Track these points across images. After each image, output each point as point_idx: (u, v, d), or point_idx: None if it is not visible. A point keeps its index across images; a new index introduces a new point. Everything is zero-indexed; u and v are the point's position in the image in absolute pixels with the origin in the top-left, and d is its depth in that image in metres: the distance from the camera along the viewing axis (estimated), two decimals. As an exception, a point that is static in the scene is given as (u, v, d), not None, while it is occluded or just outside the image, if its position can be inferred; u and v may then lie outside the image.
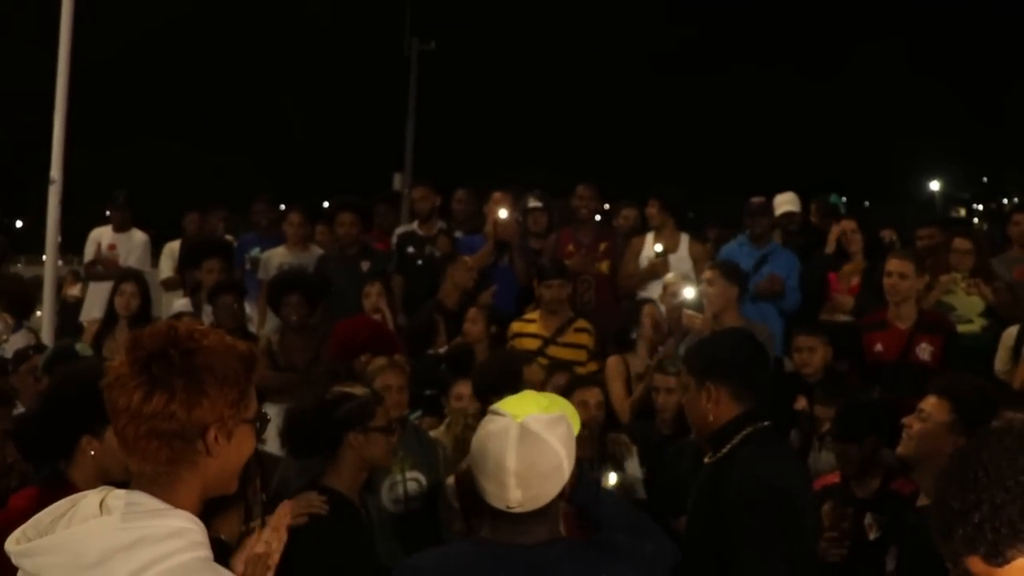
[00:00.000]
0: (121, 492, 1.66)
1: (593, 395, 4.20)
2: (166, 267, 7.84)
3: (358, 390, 3.11)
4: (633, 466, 4.10)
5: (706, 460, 2.82)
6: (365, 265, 6.60)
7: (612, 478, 3.80)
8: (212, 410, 1.65)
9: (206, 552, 1.64)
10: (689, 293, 5.28)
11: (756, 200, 6.57)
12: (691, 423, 2.88)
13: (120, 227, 7.96)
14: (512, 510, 2.09)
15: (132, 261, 7.78)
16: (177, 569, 1.57)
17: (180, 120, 23.21)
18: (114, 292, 5.91)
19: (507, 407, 2.15)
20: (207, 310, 6.14)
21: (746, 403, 2.75)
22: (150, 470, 1.65)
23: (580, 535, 2.43)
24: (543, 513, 2.11)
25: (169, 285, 7.70)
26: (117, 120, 22.07)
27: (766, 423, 2.76)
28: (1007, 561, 1.51)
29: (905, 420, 3.03)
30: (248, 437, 1.74)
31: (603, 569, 2.15)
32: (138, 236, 7.99)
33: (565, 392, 3.73)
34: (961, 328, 5.38)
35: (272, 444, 3.47)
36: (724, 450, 2.74)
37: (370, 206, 7.68)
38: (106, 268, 7.68)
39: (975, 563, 1.53)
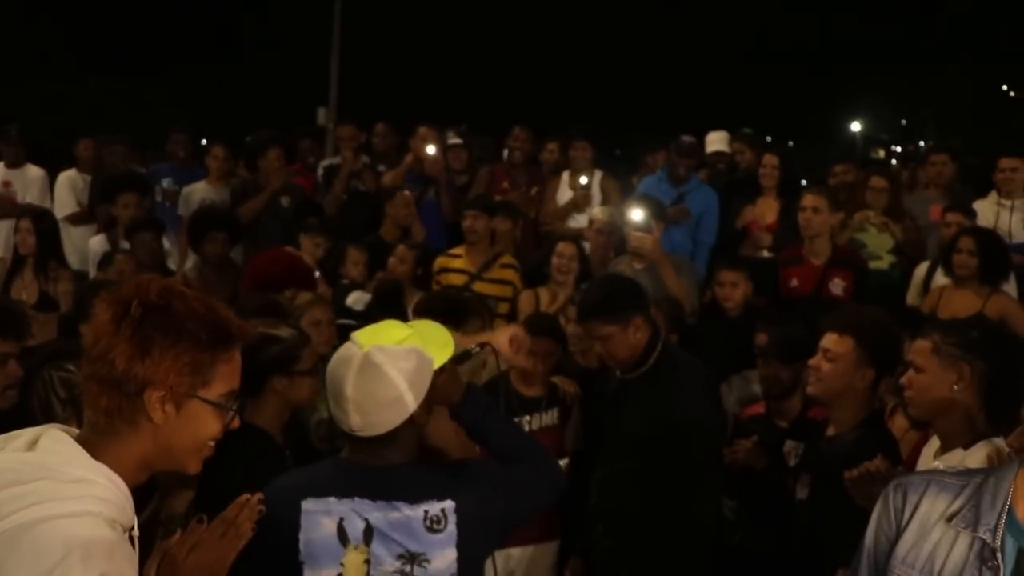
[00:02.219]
0: (58, 434, 1.63)
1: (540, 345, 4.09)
2: (65, 199, 7.44)
3: (283, 331, 3.02)
4: (577, 412, 4.12)
5: (621, 376, 3.49)
6: (286, 200, 6.52)
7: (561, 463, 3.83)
8: (154, 370, 1.60)
9: (110, 513, 1.58)
10: (637, 215, 5.30)
11: (687, 139, 6.61)
12: (620, 361, 3.44)
13: (13, 163, 7.64)
14: (355, 434, 2.23)
15: (30, 198, 7.50)
16: (62, 515, 1.52)
17: (95, 50, 22.23)
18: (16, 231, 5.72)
19: (361, 336, 2.25)
20: (125, 247, 6.00)
21: (650, 321, 3.46)
22: (92, 416, 1.64)
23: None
24: (391, 438, 2.23)
25: (75, 219, 7.32)
26: (26, 51, 21.08)
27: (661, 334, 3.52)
28: None
29: (812, 362, 3.11)
30: (207, 418, 1.68)
31: (449, 494, 2.26)
32: (33, 171, 7.68)
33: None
34: (871, 264, 5.58)
35: None
36: (650, 362, 3.40)
37: (293, 140, 7.58)
38: (2, 207, 7.37)
39: None
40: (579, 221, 6.34)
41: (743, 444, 3.76)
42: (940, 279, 5.19)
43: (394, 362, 2.19)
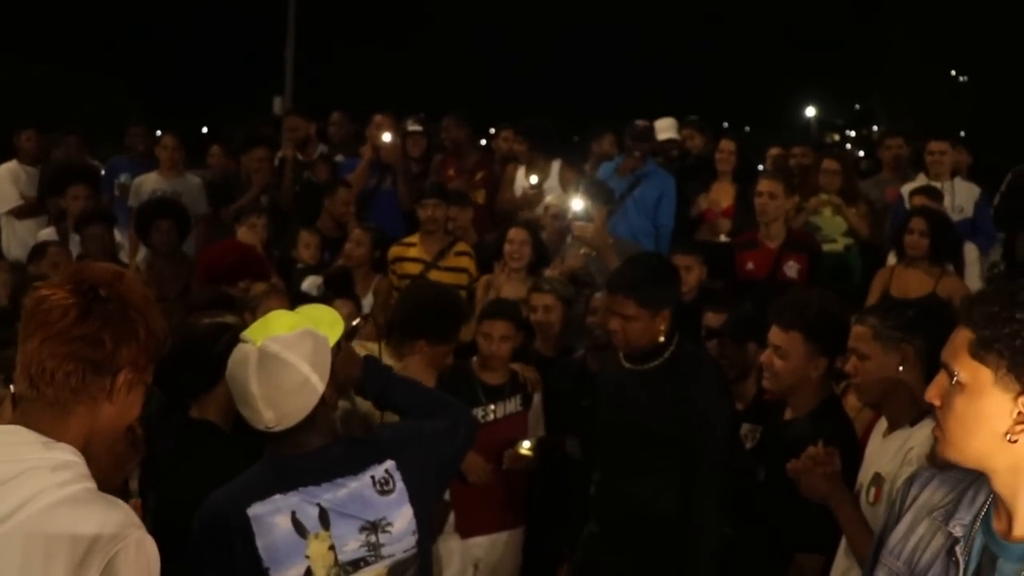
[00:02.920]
0: (4, 427, 1.64)
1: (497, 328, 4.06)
2: (7, 192, 7.20)
3: (229, 319, 2.97)
4: (538, 399, 4.12)
5: (628, 366, 3.36)
6: (265, 199, 6.48)
7: (526, 445, 3.85)
8: (134, 354, 1.66)
9: (92, 484, 1.64)
10: (577, 205, 5.37)
11: (640, 123, 6.65)
12: (633, 345, 3.31)
13: None
14: (271, 430, 2.18)
15: None
16: (67, 499, 1.56)
17: (45, 37, 21.74)
18: None
19: (251, 332, 2.22)
20: (75, 239, 5.90)
21: (674, 318, 3.35)
22: (51, 395, 1.62)
23: None
24: (309, 423, 2.20)
25: (19, 213, 7.12)
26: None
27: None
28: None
29: (763, 359, 3.11)
30: (139, 399, 1.74)
31: (386, 454, 2.29)
32: None
33: None
34: (825, 247, 5.66)
35: None
36: (664, 356, 3.30)
37: (256, 130, 7.53)
38: None
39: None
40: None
41: None
42: (891, 259, 5.29)
43: (291, 348, 2.16)
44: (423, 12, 26.20)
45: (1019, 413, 1.54)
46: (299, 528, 2.20)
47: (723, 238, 6.09)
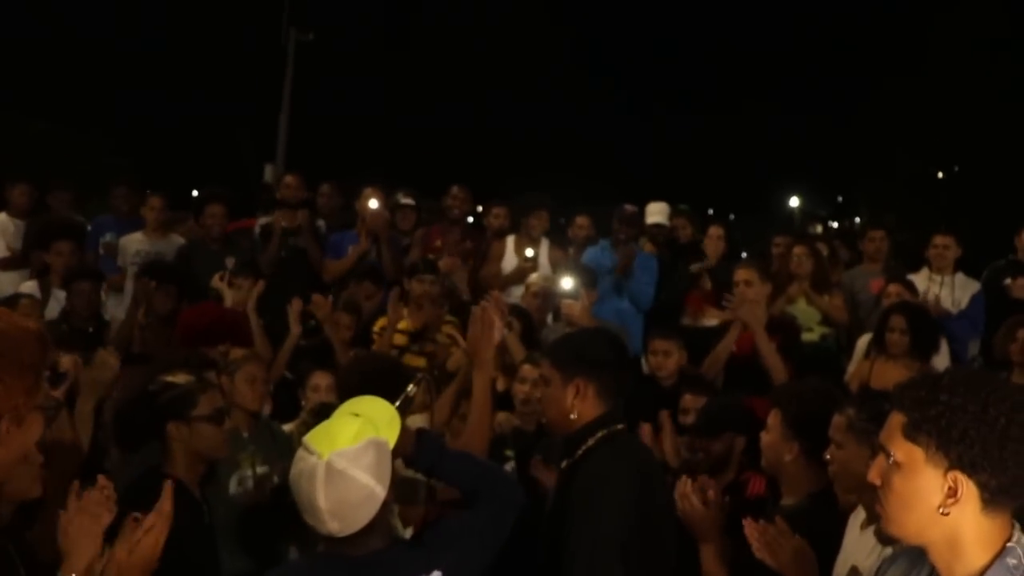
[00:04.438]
0: None
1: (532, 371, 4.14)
2: None
3: (180, 378, 2.98)
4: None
5: (563, 466, 2.79)
6: (230, 262, 6.46)
7: None
8: (7, 399, 1.60)
9: None
10: (567, 283, 5.44)
11: (630, 208, 6.79)
12: (549, 420, 2.83)
13: None
14: (335, 535, 2.24)
15: None
16: None
17: (44, 95, 21.93)
18: None
19: (316, 442, 2.24)
20: (57, 295, 5.88)
21: (608, 403, 2.73)
22: None
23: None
24: (369, 529, 2.25)
25: (4, 264, 7.09)
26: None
27: (620, 426, 2.75)
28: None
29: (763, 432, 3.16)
30: (37, 423, 1.70)
31: (434, 564, 2.32)
32: None
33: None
34: (804, 336, 5.70)
35: None
36: (579, 453, 2.71)
37: (239, 198, 7.54)
38: None
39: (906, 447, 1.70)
40: (513, 292, 6.40)
41: None
42: (861, 343, 5.33)
43: (357, 463, 2.21)
44: (414, 92, 26.66)
45: (948, 488, 1.67)
46: None
47: (711, 322, 6.11)
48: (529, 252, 6.54)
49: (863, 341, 5.56)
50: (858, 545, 2.67)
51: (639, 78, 29.70)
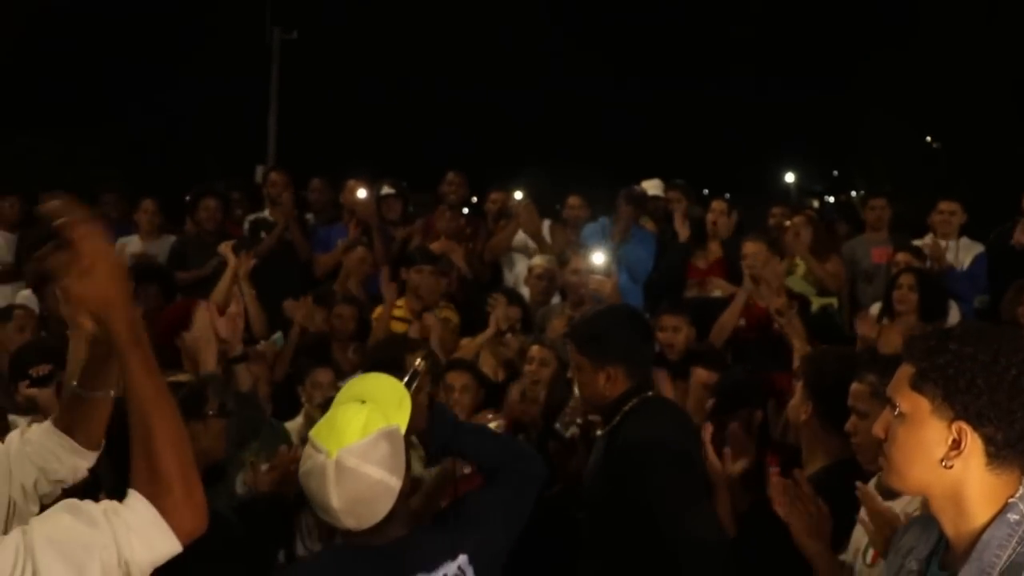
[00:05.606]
0: None
1: (458, 379, 4.15)
2: None
3: (182, 377, 2.96)
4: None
5: (599, 432, 3.06)
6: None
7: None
8: None
9: None
10: (598, 259, 5.38)
11: (638, 189, 6.77)
12: (585, 398, 3.11)
13: None
14: (353, 531, 2.19)
15: None
16: None
17: (27, 107, 21.80)
18: None
19: (322, 439, 2.12)
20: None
21: (637, 376, 2.98)
22: None
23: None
24: (388, 519, 2.16)
25: None
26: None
27: (650, 392, 3.02)
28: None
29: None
30: None
31: (459, 548, 2.25)
32: None
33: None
34: (801, 308, 5.65)
35: None
36: (616, 419, 2.95)
37: (227, 195, 7.51)
38: None
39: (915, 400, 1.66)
40: (516, 272, 6.31)
41: None
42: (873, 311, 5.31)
43: (367, 459, 2.11)
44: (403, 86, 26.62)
45: (953, 440, 1.63)
46: None
47: (716, 293, 6.04)
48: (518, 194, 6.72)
49: (874, 309, 5.51)
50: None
51: (628, 60, 29.61)
